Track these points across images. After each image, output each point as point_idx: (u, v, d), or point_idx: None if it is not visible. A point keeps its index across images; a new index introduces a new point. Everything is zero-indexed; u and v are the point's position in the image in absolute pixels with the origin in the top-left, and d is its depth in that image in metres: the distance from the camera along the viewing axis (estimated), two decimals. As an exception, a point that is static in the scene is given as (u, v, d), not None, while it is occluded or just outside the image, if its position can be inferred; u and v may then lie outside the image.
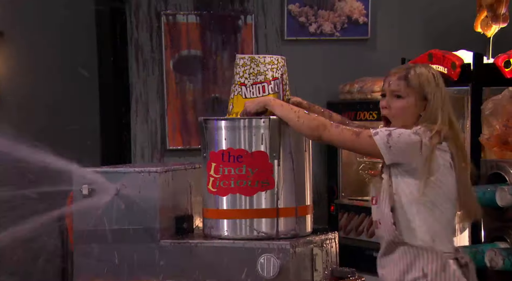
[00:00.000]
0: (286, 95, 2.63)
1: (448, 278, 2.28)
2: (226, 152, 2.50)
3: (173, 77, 4.00)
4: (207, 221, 2.59)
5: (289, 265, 2.44)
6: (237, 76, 2.62)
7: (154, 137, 4.01)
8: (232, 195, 2.51)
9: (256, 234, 2.50)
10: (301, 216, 2.55)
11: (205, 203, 2.59)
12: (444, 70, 3.30)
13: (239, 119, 2.53)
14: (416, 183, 2.28)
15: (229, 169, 2.49)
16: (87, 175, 2.58)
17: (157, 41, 3.96)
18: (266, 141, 2.49)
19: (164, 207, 2.56)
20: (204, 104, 4.03)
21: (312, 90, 3.75)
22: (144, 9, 3.94)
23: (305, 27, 4.08)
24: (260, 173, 2.49)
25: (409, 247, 2.31)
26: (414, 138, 2.26)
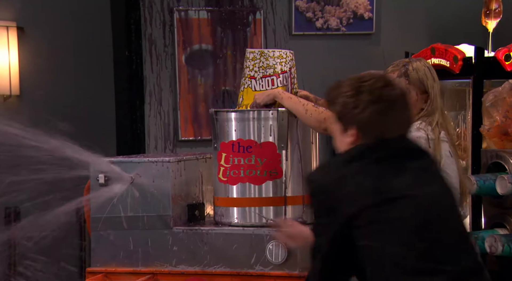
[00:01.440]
0: (294, 88, 2.63)
1: None
2: (236, 142, 2.50)
3: (185, 71, 4.00)
4: (217, 209, 2.60)
5: (296, 251, 2.43)
6: (247, 69, 2.61)
7: (167, 128, 4.02)
8: (241, 184, 2.52)
9: (265, 222, 2.51)
10: (308, 204, 2.54)
11: (216, 192, 2.60)
12: (446, 63, 3.27)
13: (249, 111, 2.53)
14: None
15: (238, 159, 2.50)
16: (104, 165, 2.58)
17: (170, 36, 3.95)
18: (275, 132, 2.49)
19: (177, 195, 2.58)
20: (215, 97, 4.02)
21: (318, 83, 3.73)
22: (157, 5, 3.94)
23: (312, 22, 4.07)
24: (269, 163, 2.49)
25: None
26: (420, 134, 2.25)
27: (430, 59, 3.35)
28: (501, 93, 3.15)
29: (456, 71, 3.24)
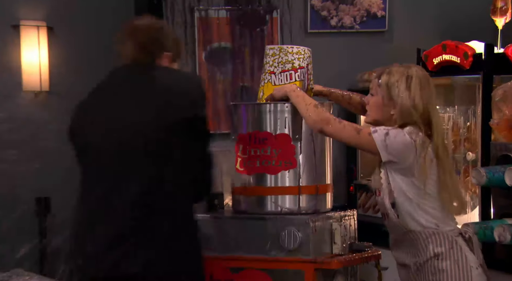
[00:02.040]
0: (310, 83, 2.64)
1: (456, 253, 2.31)
2: (252, 134, 2.53)
3: (205, 68, 4.02)
4: (235, 198, 2.63)
5: (309, 238, 2.47)
6: (267, 65, 2.63)
7: (187, 123, 4.04)
8: (258, 174, 2.54)
9: (280, 210, 2.53)
10: (321, 194, 2.58)
11: (234, 181, 2.63)
12: (457, 59, 3.27)
13: (265, 104, 2.56)
14: (412, 179, 2.28)
15: (255, 150, 2.52)
16: None
17: (191, 35, 3.98)
18: (289, 124, 2.51)
19: (197, 185, 2.62)
20: (233, 93, 4.04)
21: (333, 79, 3.74)
22: (179, 5, 3.97)
23: (327, 21, 4.07)
24: (284, 154, 2.51)
25: (417, 233, 2.32)
26: (409, 139, 2.26)
27: (441, 55, 3.35)
28: (510, 88, 3.14)
29: (466, 67, 3.24)
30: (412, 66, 2.38)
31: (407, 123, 2.30)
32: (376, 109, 2.35)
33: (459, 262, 2.30)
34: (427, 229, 2.32)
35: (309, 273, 2.46)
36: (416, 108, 2.29)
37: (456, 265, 2.29)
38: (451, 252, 2.30)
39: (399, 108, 2.30)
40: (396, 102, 2.30)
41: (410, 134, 2.28)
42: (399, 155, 2.28)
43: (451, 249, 2.30)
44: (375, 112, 2.36)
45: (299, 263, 2.46)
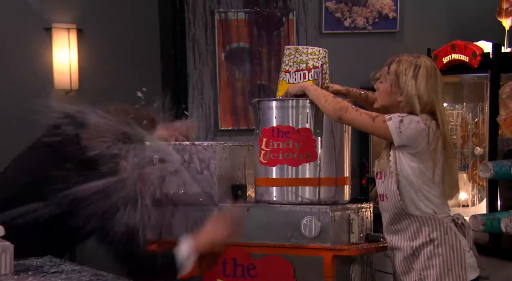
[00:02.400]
0: (325, 83, 2.64)
1: (450, 239, 2.32)
2: (275, 128, 2.54)
3: (225, 67, 4.03)
4: (258, 188, 2.64)
5: (328, 226, 2.48)
6: (284, 64, 2.64)
7: (208, 119, 4.05)
8: (280, 166, 2.55)
9: (300, 200, 2.54)
10: (340, 186, 2.59)
11: (257, 173, 2.64)
12: (466, 58, 3.26)
13: (288, 100, 2.56)
14: (419, 165, 2.29)
15: (278, 143, 2.53)
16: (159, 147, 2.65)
17: (211, 35, 3.99)
18: (311, 119, 2.52)
19: (222, 176, 2.63)
20: (251, 91, 4.05)
21: (346, 77, 3.75)
22: (200, 8, 3.98)
23: (341, 22, 4.07)
24: (305, 147, 2.52)
25: (414, 218, 2.34)
26: (423, 125, 2.27)
27: (451, 55, 3.34)
28: (517, 86, 3.15)
29: (474, 66, 3.23)
30: (421, 56, 2.39)
31: (413, 112, 2.30)
32: (384, 95, 2.36)
33: (454, 247, 2.31)
34: (424, 214, 2.33)
35: (328, 259, 2.47)
36: (420, 97, 2.29)
37: (451, 249, 2.31)
38: (446, 238, 2.32)
39: (404, 96, 2.31)
40: (403, 90, 2.31)
41: (426, 121, 2.28)
42: (412, 141, 2.28)
43: (446, 235, 2.32)
44: (383, 98, 2.37)
45: (319, 250, 2.47)
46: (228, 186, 2.66)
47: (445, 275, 2.30)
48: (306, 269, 2.49)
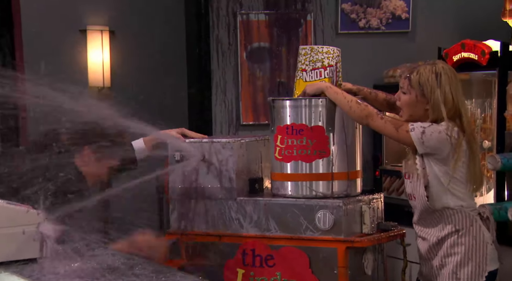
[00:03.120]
0: (339, 81, 2.58)
1: (475, 230, 2.28)
2: (290, 126, 2.49)
3: (246, 66, 4.00)
4: (274, 183, 2.59)
5: (342, 219, 2.43)
6: (300, 63, 2.59)
7: (230, 115, 4.03)
8: (294, 161, 2.50)
9: (315, 194, 2.49)
10: (352, 179, 2.53)
11: (273, 168, 2.59)
12: (475, 57, 3.17)
13: (301, 99, 2.51)
14: (445, 167, 2.24)
15: (292, 140, 2.48)
16: (180, 145, 2.61)
17: (234, 36, 3.95)
18: (323, 117, 2.47)
19: (240, 171, 2.58)
20: (271, 88, 4.01)
21: (361, 75, 3.68)
22: (223, 10, 3.94)
23: (356, 23, 4.00)
24: (318, 144, 2.47)
25: (441, 211, 2.29)
26: (444, 135, 2.21)
27: (460, 53, 3.25)
28: (524, 83, 3.05)
29: (483, 64, 3.14)
30: (438, 62, 2.32)
31: (439, 118, 2.24)
32: (411, 106, 2.29)
33: (477, 238, 2.28)
34: (452, 209, 2.29)
35: (341, 250, 2.42)
36: (447, 102, 2.23)
37: (474, 240, 2.28)
38: (471, 229, 2.28)
39: (431, 104, 2.25)
40: (430, 99, 2.24)
41: (446, 130, 2.22)
42: (435, 150, 2.24)
43: (471, 226, 2.28)
44: (410, 109, 2.30)
45: (333, 242, 2.43)
46: (245, 180, 2.61)
47: (465, 263, 2.27)
48: (321, 259, 2.44)
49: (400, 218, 2.74)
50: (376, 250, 2.59)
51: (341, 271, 2.41)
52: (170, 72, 4.31)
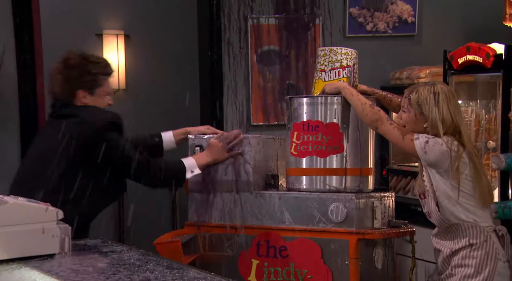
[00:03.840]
0: (355, 81, 2.61)
1: (489, 246, 2.29)
2: (306, 123, 2.52)
3: (257, 68, 4.01)
4: (289, 178, 2.62)
5: (354, 213, 2.45)
6: (319, 64, 2.61)
7: (241, 115, 4.04)
8: (309, 157, 2.53)
9: (328, 188, 2.52)
10: (364, 176, 2.56)
11: (288, 164, 2.62)
12: (480, 59, 3.19)
13: (317, 97, 2.54)
14: (449, 181, 2.27)
15: (307, 136, 2.51)
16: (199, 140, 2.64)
17: (244, 39, 3.97)
18: (338, 115, 2.50)
19: (256, 166, 2.61)
20: (281, 90, 4.02)
21: (368, 77, 3.69)
22: (234, 14, 3.96)
23: (363, 26, 4.03)
24: (333, 140, 2.50)
25: (457, 226, 2.31)
26: (445, 148, 2.25)
27: (466, 56, 3.27)
28: (527, 84, 3.06)
29: (488, 66, 3.16)
30: (436, 83, 2.38)
31: (438, 135, 2.29)
32: (411, 123, 2.36)
33: (490, 253, 2.29)
34: (466, 222, 2.31)
35: (353, 242, 2.45)
36: (444, 120, 2.29)
37: (486, 255, 2.29)
38: (485, 245, 2.30)
39: (429, 122, 2.30)
40: (428, 117, 2.30)
41: (447, 143, 2.27)
42: (436, 161, 2.28)
43: (485, 242, 2.30)
44: (410, 126, 2.36)
45: (345, 234, 2.46)
46: (262, 175, 2.64)
47: (473, 276, 2.29)
48: (333, 251, 2.47)
49: (406, 217, 2.75)
50: (386, 245, 2.61)
51: (352, 262, 2.44)
52: (183, 74, 4.34)
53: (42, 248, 1.84)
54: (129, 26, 4.26)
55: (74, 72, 2.39)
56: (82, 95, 2.40)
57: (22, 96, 3.50)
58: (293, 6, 3.97)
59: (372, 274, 2.54)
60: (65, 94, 2.40)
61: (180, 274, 1.67)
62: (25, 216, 1.83)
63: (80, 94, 2.40)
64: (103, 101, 2.45)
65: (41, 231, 1.83)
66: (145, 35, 4.30)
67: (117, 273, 1.69)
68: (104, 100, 2.46)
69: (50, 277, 1.66)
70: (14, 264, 1.79)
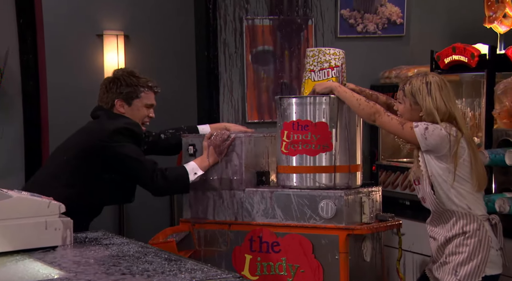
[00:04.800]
0: (344, 80, 2.60)
1: (482, 234, 2.28)
2: (295, 122, 2.51)
3: (251, 67, 4.00)
4: (280, 175, 2.61)
5: (343, 208, 2.45)
6: (308, 64, 2.60)
7: (236, 113, 4.04)
8: (299, 155, 2.52)
9: (318, 185, 2.51)
10: (353, 172, 2.55)
11: (279, 162, 2.61)
12: (465, 59, 3.19)
13: (306, 97, 2.53)
14: (446, 166, 2.26)
15: (297, 135, 2.50)
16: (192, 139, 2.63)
17: (240, 40, 3.96)
18: (327, 114, 2.49)
19: (248, 164, 2.60)
20: (275, 88, 4.02)
21: (358, 77, 3.69)
22: (230, 16, 3.95)
23: (354, 27, 4.01)
24: (322, 139, 2.49)
25: (451, 212, 2.30)
26: (444, 132, 2.24)
27: (451, 56, 3.27)
28: (510, 83, 3.06)
29: (473, 66, 3.16)
30: (428, 74, 2.38)
31: (434, 122, 2.28)
32: (407, 114, 2.34)
33: (482, 241, 2.29)
34: (460, 209, 2.29)
35: (342, 237, 2.45)
36: (439, 108, 2.28)
37: (479, 243, 2.28)
38: (478, 233, 2.29)
39: (424, 111, 2.29)
40: (422, 106, 2.29)
41: (446, 129, 2.26)
42: (435, 147, 2.27)
43: (478, 230, 2.29)
44: (407, 117, 2.35)
45: (334, 230, 2.45)
46: (253, 173, 2.63)
47: (465, 263, 2.29)
48: (323, 246, 2.47)
49: (395, 210, 2.76)
50: (374, 238, 2.62)
51: (342, 257, 2.43)
52: (180, 74, 4.33)
53: (45, 240, 1.85)
54: (129, 27, 4.25)
55: (115, 82, 2.51)
56: (120, 104, 2.51)
57: (26, 95, 3.49)
58: (286, 8, 3.96)
59: (361, 267, 2.54)
60: (104, 101, 2.53)
61: (178, 265, 1.67)
62: (28, 210, 1.84)
63: (118, 103, 2.50)
64: (141, 113, 2.53)
65: (44, 224, 1.85)
66: (144, 35, 4.29)
67: (117, 264, 1.69)
68: (142, 112, 2.53)
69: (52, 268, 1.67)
70: (18, 255, 1.80)
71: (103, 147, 2.38)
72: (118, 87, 2.52)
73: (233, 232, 2.58)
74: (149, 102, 2.58)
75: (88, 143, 2.41)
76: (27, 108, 3.48)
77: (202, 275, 1.58)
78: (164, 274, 1.60)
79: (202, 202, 2.62)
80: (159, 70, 4.27)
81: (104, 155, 2.37)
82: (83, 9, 4.20)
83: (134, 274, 1.60)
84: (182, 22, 4.25)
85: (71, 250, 1.85)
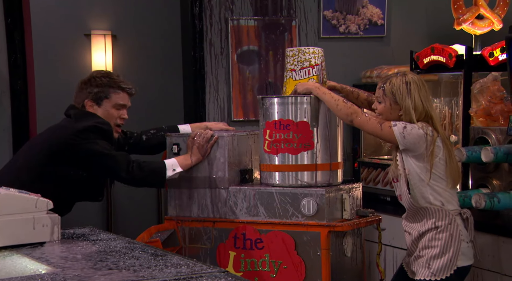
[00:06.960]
0: (324, 78, 2.59)
1: (453, 228, 2.29)
2: (277, 121, 2.49)
3: (237, 67, 3.98)
4: (263, 173, 2.60)
5: (324, 206, 2.44)
6: (288, 64, 2.58)
7: (222, 112, 4.02)
8: (282, 154, 2.51)
9: (300, 183, 2.50)
10: (334, 170, 2.54)
11: (262, 160, 2.59)
12: (443, 59, 3.19)
13: (288, 97, 2.51)
14: (423, 165, 2.26)
15: (279, 134, 2.49)
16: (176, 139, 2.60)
17: (225, 40, 3.93)
18: (308, 114, 2.47)
19: (231, 162, 2.58)
20: (260, 87, 4.00)
21: (341, 76, 3.69)
22: (216, 16, 3.92)
23: (336, 28, 4.00)
24: (303, 138, 2.47)
25: (425, 209, 2.30)
26: (422, 132, 2.24)
27: (430, 56, 3.26)
28: (486, 83, 3.07)
29: (450, 66, 3.16)
30: (407, 73, 2.36)
31: (411, 122, 2.27)
32: (386, 113, 2.33)
33: (454, 235, 2.29)
34: (434, 206, 2.29)
35: (324, 234, 2.44)
36: (417, 108, 2.27)
37: (451, 237, 2.29)
38: (449, 227, 2.29)
39: (403, 110, 2.29)
40: (401, 105, 2.28)
41: (423, 128, 2.26)
42: (413, 145, 2.26)
43: (449, 225, 2.29)
44: (385, 115, 2.33)
45: (316, 227, 2.44)
46: (237, 171, 2.61)
47: (438, 256, 2.29)
48: (305, 242, 2.46)
49: (376, 206, 2.77)
50: (355, 234, 2.61)
51: (323, 253, 2.43)
52: (167, 73, 4.29)
53: (32, 236, 1.83)
54: (117, 27, 4.20)
55: (86, 83, 2.49)
56: (89, 104, 2.48)
57: (14, 94, 3.43)
58: (271, 9, 3.94)
59: (342, 262, 2.54)
60: (77, 101, 2.51)
61: (164, 260, 1.66)
62: (16, 206, 1.81)
63: (88, 103, 2.47)
64: (110, 113, 2.48)
65: (32, 220, 1.82)
66: (132, 35, 4.25)
67: (104, 259, 1.67)
68: (112, 113, 2.49)
69: (40, 264, 1.65)
70: (6, 251, 1.78)
71: (71, 145, 2.33)
72: (88, 87, 2.48)
73: (217, 229, 2.56)
74: (120, 102, 2.51)
75: (56, 141, 2.36)
76: (15, 107, 3.42)
77: (188, 270, 1.56)
78: (150, 269, 1.58)
79: (186, 200, 2.59)
80: (146, 70, 4.24)
81: (74, 153, 2.32)
82: (71, 9, 4.14)
83: (121, 269, 1.58)
84: (169, 23, 4.22)
85: (59, 246, 1.83)
